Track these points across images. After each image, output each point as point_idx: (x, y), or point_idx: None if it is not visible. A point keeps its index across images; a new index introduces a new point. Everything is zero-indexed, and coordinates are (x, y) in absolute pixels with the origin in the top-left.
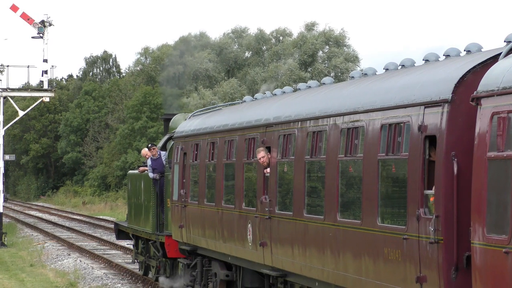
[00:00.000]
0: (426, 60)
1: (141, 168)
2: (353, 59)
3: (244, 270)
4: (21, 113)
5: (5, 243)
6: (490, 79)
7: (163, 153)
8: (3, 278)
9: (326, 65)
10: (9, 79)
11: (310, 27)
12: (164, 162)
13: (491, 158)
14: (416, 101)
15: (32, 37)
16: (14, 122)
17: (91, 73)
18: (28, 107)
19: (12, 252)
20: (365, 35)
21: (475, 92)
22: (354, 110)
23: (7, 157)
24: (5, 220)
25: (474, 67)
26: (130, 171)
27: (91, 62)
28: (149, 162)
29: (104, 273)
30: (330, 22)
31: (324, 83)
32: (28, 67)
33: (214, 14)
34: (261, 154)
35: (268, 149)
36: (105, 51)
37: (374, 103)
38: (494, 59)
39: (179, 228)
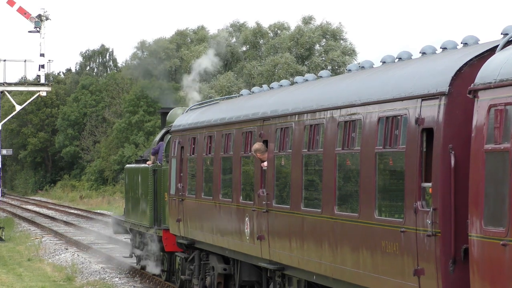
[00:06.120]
0: (423, 53)
1: (149, 162)
2: (350, 52)
3: (241, 263)
4: (18, 108)
5: (3, 237)
6: (487, 72)
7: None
8: (0, 272)
9: (323, 58)
10: (6, 74)
11: (307, 20)
12: (161, 156)
13: (489, 151)
14: (413, 94)
15: (29, 32)
16: (11, 117)
17: (87, 68)
18: (25, 101)
19: (9, 246)
20: (362, 28)
21: (472, 84)
22: (351, 103)
23: (4, 151)
24: (2, 214)
25: (471, 59)
26: (128, 165)
27: (88, 56)
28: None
29: (101, 267)
30: (327, 15)
31: (321, 76)
32: (25, 61)
33: (211, 8)
34: (256, 146)
35: (265, 143)
36: (102, 45)
37: (371, 96)
38: (491, 51)
39: (177, 222)
